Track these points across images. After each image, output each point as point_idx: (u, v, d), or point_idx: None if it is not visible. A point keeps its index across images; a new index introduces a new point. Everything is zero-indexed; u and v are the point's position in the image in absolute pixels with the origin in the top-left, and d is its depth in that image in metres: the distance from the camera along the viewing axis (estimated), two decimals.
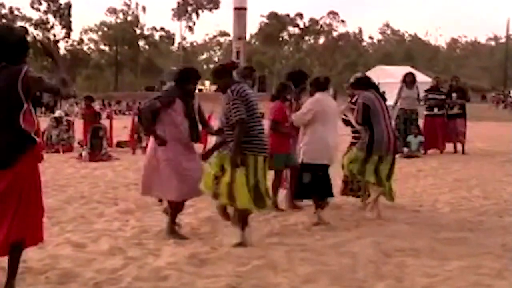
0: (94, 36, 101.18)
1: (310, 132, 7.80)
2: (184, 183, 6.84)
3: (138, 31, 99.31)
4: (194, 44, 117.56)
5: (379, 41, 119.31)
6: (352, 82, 8.46)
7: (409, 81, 15.87)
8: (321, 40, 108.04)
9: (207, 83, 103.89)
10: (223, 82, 6.63)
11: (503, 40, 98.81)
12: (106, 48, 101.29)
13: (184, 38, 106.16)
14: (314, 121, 7.75)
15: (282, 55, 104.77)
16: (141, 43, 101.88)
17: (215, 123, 8.08)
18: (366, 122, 8.05)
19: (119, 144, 17.84)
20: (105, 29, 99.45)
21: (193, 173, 6.85)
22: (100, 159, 14.61)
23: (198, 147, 7.32)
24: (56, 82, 4.83)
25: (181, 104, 6.87)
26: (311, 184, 7.76)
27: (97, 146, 15.13)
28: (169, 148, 6.81)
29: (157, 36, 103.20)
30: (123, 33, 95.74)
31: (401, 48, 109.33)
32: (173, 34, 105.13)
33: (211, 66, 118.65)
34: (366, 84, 8.31)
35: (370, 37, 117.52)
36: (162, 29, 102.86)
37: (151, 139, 7.03)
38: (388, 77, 47.70)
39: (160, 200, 8.00)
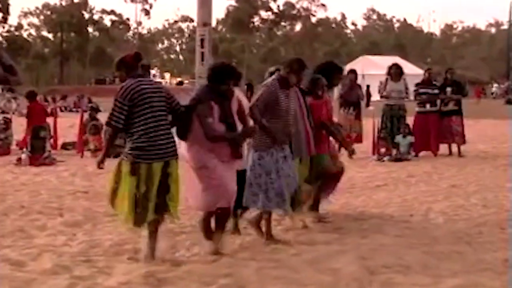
0: (35, 21, 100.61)
1: None
2: (211, 190, 6.76)
3: (86, 15, 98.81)
4: (152, 30, 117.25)
5: (364, 27, 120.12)
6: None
7: (394, 73, 15.99)
8: (298, 26, 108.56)
9: (167, 76, 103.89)
10: (120, 76, 6.75)
11: (505, 26, 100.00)
12: (50, 35, 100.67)
13: (139, 24, 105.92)
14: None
15: (253, 43, 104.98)
16: (90, 29, 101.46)
17: None
18: None
19: (65, 146, 17.73)
20: (48, 12, 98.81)
21: (226, 181, 6.77)
22: (43, 163, 14.49)
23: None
24: (1, 70, 4.77)
25: (216, 108, 6.73)
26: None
27: (39, 148, 15.00)
28: (202, 156, 6.74)
29: (108, 21, 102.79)
30: (69, 17, 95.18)
31: (389, 36, 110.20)
32: (127, 19, 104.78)
33: (172, 56, 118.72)
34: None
35: (353, 24, 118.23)
36: (114, 12, 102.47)
37: (184, 145, 6.88)
38: (374, 69, 48.13)
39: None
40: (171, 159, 6.62)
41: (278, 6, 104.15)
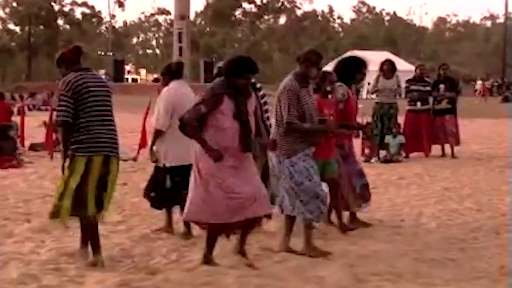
0: (0, 13, 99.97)
1: (169, 130, 8.04)
2: (224, 203, 6.60)
3: (56, 7, 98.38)
4: (127, 24, 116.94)
5: (352, 21, 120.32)
6: (216, 73, 8.86)
7: (387, 69, 16.00)
8: (282, 20, 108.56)
9: (143, 72, 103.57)
10: (60, 72, 6.79)
11: (501, 19, 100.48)
12: (16, 28, 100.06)
13: (113, 17, 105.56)
14: (173, 116, 7.98)
15: (234, 37, 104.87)
16: (60, 22, 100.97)
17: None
18: None
19: (33, 147, 17.64)
20: (14, 4, 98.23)
21: (238, 193, 6.62)
22: (10, 166, 14.41)
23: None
24: None
25: (230, 103, 6.60)
26: (173, 189, 8.08)
27: (5, 150, 14.91)
28: (212, 162, 6.57)
29: (79, 13, 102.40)
30: (37, 9, 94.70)
31: (378, 30, 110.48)
32: (99, 12, 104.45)
33: (148, 50, 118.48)
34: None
35: (339, 17, 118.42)
36: (86, 4, 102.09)
37: (196, 145, 6.71)
38: None
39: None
40: (112, 156, 6.70)
41: None
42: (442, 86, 16.66)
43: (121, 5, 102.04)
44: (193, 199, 6.68)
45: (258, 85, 8.67)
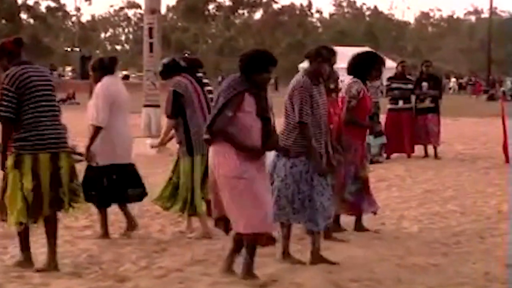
0: None
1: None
2: (256, 210, 6.41)
3: (19, 0, 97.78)
4: (95, 18, 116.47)
5: (331, 15, 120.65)
6: (161, 71, 8.87)
7: None
8: (258, 14, 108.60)
9: None
10: (1, 65, 6.75)
11: (486, 14, 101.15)
12: None
13: (78, 10, 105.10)
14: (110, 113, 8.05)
15: (208, 33, 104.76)
16: (24, 16, 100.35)
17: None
18: (178, 114, 8.39)
19: None
20: None
21: (267, 196, 6.54)
22: None
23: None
24: None
25: (252, 100, 6.47)
26: (110, 188, 8.15)
27: None
28: (238, 162, 6.38)
29: (44, 7, 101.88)
30: None
31: (359, 25, 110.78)
32: (64, 5, 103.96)
33: (118, 46, 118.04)
34: (176, 68, 8.71)
35: (318, 11, 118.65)
36: None
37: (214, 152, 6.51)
38: (343, 61, 48.13)
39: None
40: (61, 152, 6.69)
41: None
42: (425, 84, 16.68)
43: None
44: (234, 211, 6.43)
45: (205, 81, 8.75)
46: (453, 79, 70.71)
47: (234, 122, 6.38)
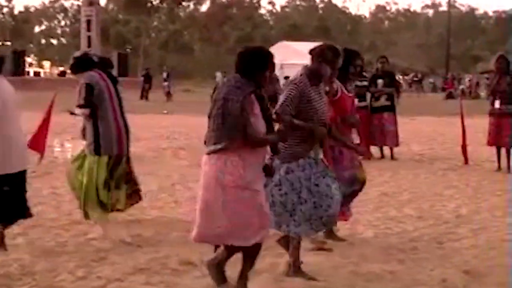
0: None
1: None
2: (256, 219, 6.30)
3: None
4: (29, 9, 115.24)
5: (282, 8, 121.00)
6: (72, 64, 8.92)
7: None
8: (204, 7, 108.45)
9: (46, 64, 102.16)
10: None
11: (444, 7, 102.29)
12: None
13: (10, 1, 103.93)
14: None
15: (150, 26, 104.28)
16: None
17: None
18: (90, 105, 8.48)
19: None
20: None
21: (265, 212, 6.40)
22: None
23: None
24: None
25: (257, 102, 6.36)
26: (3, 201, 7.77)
27: None
28: (247, 170, 6.24)
29: None
30: None
31: (311, 19, 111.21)
32: None
33: (53, 40, 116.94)
34: (89, 63, 8.79)
35: (271, 2, 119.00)
36: None
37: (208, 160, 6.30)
38: (294, 57, 48.31)
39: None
40: None
41: None
42: (380, 81, 16.78)
43: None
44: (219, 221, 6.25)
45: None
46: (399, 76, 71.42)
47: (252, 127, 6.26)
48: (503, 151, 14.75)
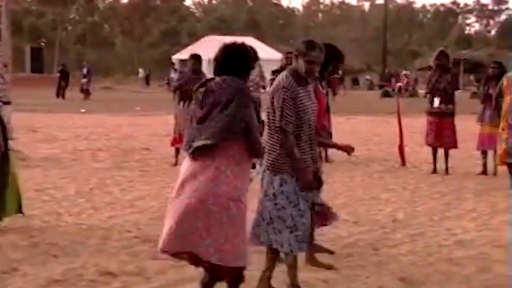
0: None
1: None
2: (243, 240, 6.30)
3: None
4: None
5: (210, 0, 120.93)
6: None
7: None
8: None
9: None
10: None
11: (381, 1, 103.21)
12: None
13: None
14: None
15: (67, 18, 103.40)
16: None
17: None
18: None
19: None
20: None
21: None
22: None
23: None
24: None
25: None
26: None
27: None
28: (239, 183, 6.23)
29: None
30: None
31: (241, 12, 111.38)
32: None
33: None
34: None
35: None
36: None
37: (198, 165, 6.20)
38: None
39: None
40: None
41: None
42: None
43: None
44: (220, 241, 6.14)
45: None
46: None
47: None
48: (440, 152, 14.94)
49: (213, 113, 6.12)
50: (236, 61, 6.29)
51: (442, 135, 14.82)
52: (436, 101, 14.80)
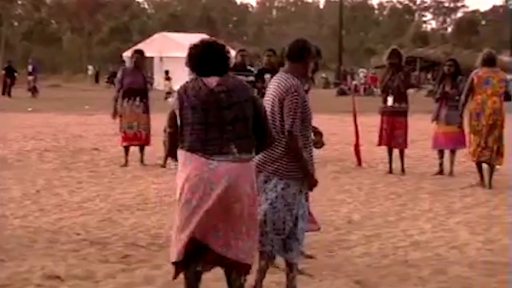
0: None
1: None
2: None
3: None
4: None
5: None
6: None
7: None
8: None
9: None
10: None
11: None
12: None
13: None
14: None
15: (12, 14, 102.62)
16: None
17: None
18: None
19: None
20: None
21: None
22: None
23: None
24: None
25: None
26: None
27: None
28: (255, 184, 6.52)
29: None
30: None
31: (194, 8, 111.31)
32: None
33: None
34: None
35: None
36: None
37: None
38: (175, 49, 48.30)
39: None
40: None
41: None
42: (268, 75, 16.82)
43: None
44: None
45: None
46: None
47: None
48: (395, 152, 15.04)
49: (240, 115, 6.39)
50: (221, 59, 6.47)
51: (393, 136, 14.92)
52: (390, 100, 14.90)
